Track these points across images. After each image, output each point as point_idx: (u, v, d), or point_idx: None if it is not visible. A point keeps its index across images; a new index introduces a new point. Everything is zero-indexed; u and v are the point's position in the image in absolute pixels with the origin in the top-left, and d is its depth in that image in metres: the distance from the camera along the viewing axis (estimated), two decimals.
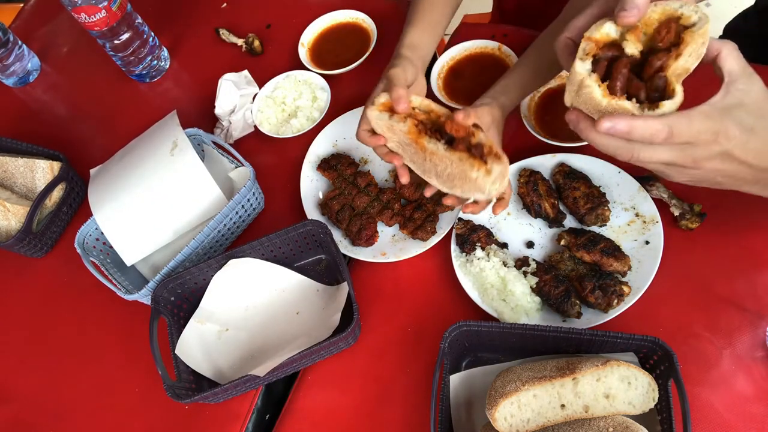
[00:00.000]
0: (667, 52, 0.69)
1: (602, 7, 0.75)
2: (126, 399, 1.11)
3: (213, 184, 1.13)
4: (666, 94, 0.69)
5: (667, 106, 0.67)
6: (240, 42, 1.50)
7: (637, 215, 1.03)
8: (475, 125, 0.85)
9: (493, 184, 0.83)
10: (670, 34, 0.69)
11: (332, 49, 1.43)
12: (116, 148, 1.25)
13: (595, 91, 0.69)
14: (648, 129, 0.68)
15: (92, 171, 1.24)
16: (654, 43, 0.71)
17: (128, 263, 1.15)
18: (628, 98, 0.69)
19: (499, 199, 0.99)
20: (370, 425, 1.00)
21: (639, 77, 0.71)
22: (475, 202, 0.97)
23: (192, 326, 1.08)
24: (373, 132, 0.93)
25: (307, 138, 1.29)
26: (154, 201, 1.13)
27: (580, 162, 1.11)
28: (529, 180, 1.10)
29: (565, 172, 1.10)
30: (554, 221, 1.08)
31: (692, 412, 0.82)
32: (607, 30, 0.71)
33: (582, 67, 0.71)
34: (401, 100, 0.86)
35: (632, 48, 0.71)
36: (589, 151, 1.11)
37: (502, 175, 0.83)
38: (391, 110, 0.89)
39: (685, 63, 0.67)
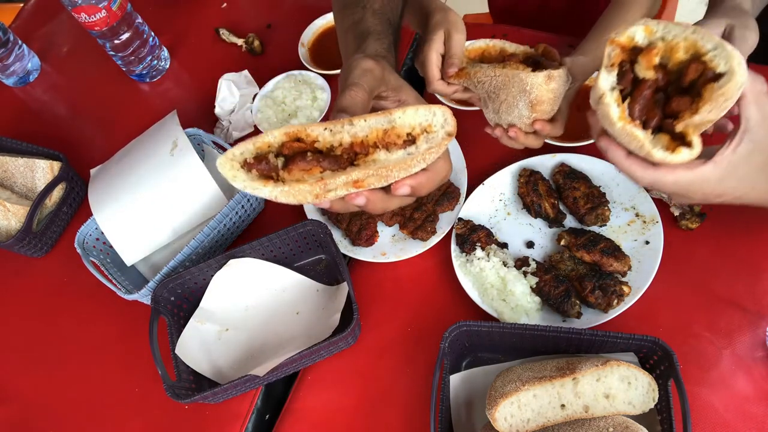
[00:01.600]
0: (691, 96, 0.64)
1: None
2: (126, 399, 1.11)
3: (213, 183, 1.13)
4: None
5: (683, 155, 0.64)
6: (240, 42, 1.50)
7: (637, 215, 1.03)
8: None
9: (536, 76, 0.83)
10: (691, 76, 0.64)
11: (332, 49, 1.43)
12: (116, 148, 1.25)
13: (612, 111, 0.67)
14: (631, 171, 0.70)
15: (92, 171, 1.24)
16: (681, 72, 0.66)
17: (128, 263, 1.15)
18: (645, 125, 0.66)
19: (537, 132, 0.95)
20: (370, 425, 1.00)
21: (665, 101, 0.66)
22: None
23: (192, 326, 1.08)
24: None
25: None
26: (154, 201, 1.13)
27: (580, 162, 1.11)
28: (529, 180, 1.10)
29: (565, 172, 1.10)
30: (554, 221, 1.08)
31: (692, 412, 0.82)
32: (633, 34, 0.67)
33: (606, 80, 0.68)
34: (453, 68, 0.93)
35: (643, 72, 0.67)
36: (589, 151, 1.11)
37: (549, 76, 0.84)
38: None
39: (702, 119, 0.63)
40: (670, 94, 0.67)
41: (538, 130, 0.92)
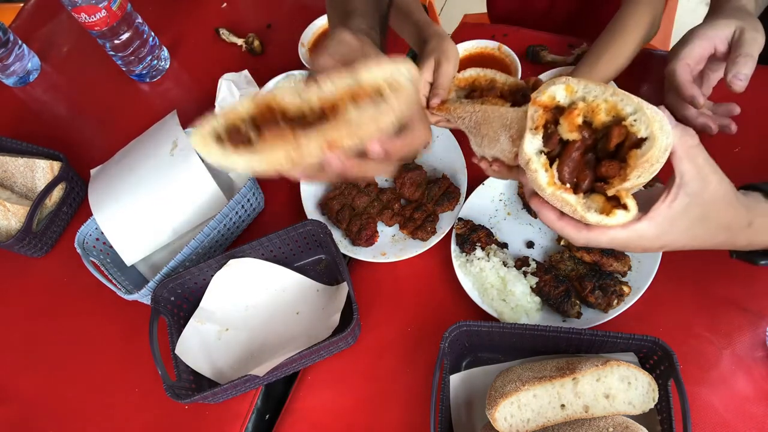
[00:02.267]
0: (620, 161, 0.62)
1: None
2: (126, 399, 1.11)
3: (213, 183, 1.13)
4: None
5: (619, 217, 0.62)
6: (240, 42, 1.50)
7: None
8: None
9: (516, 112, 0.79)
10: (616, 140, 0.63)
11: None
12: (116, 148, 1.25)
13: (540, 177, 0.65)
14: (564, 233, 0.69)
15: (92, 171, 1.24)
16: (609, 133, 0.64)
17: (128, 263, 1.15)
18: (576, 188, 0.64)
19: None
20: (370, 425, 1.00)
21: (595, 161, 0.65)
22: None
23: (192, 326, 1.08)
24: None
25: None
26: (154, 201, 1.13)
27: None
28: None
29: None
30: None
31: (692, 412, 0.82)
32: (554, 93, 0.65)
33: (531, 144, 0.66)
34: (437, 98, 0.90)
35: (567, 134, 0.64)
36: None
37: (527, 111, 0.78)
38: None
39: (632, 184, 0.62)
40: (599, 155, 0.65)
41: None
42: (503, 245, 1.09)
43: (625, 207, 0.63)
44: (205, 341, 1.09)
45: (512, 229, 1.11)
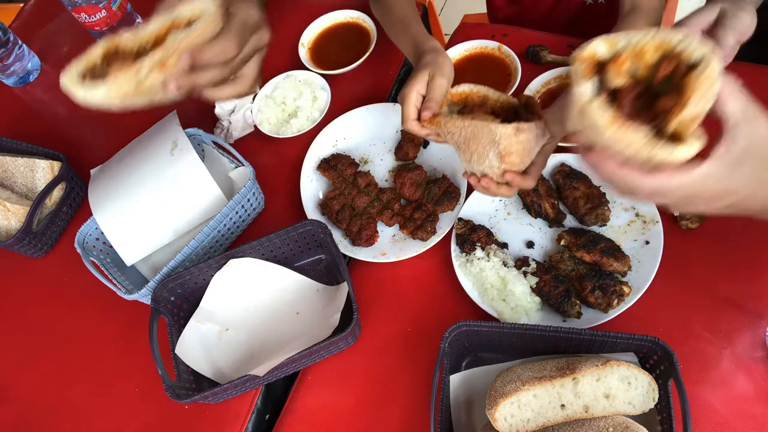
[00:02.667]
0: (676, 92, 0.60)
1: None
2: (126, 399, 1.11)
3: (213, 183, 1.13)
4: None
5: (686, 150, 0.59)
6: None
7: (637, 215, 1.03)
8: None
9: (505, 128, 0.82)
10: (665, 72, 0.62)
11: (332, 49, 1.43)
12: (116, 148, 1.25)
13: (600, 118, 0.61)
14: (628, 180, 0.65)
15: (93, 171, 1.24)
16: (659, 74, 0.63)
17: (128, 263, 1.15)
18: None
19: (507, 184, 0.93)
20: (370, 425, 1.00)
21: (647, 108, 0.63)
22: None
23: (192, 326, 1.08)
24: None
25: (307, 138, 1.29)
26: (154, 201, 1.13)
27: (580, 162, 1.11)
28: None
29: (565, 172, 1.10)
30: (554, 221, 1.08)
31: (692, 412, 0.82)
32: (595, 48, 0.64)
33: (584, 90, 0.63)
34: (428, 112, 0.94)
35: (615, 80, 0.63)
36: None
37: (518, 128, 0.82)
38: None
39: (693, 111, 0.59)
40: (648, 101, 0.63)
41: (509, 181, 0.90)
42: (503, 245, 1.09)
43: (688, 141, 0.60)
44: (205, 341, 1.09)
45: (512, 229, 1.11)
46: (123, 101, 0.78)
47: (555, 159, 1.12)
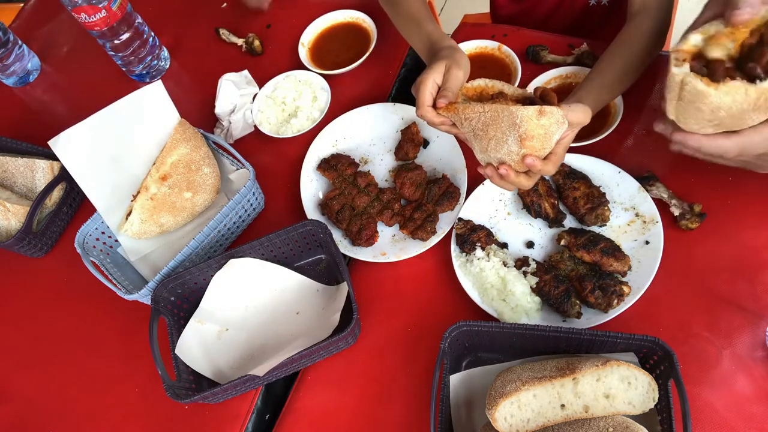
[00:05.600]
0: None
1: (716, 9, 0.76)
2: (126, 399, 1.11)
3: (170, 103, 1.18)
4: None
5: None
6: (240, 42, 1.50)
7: (637, 215, 1.03)
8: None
9: (526, 110, 0.82)
10: (756, 38, 0.69)
11: (332, 49, 1.43)
12: None
13: (698, 84, 0.69)
14: (717, 144, 0.73)
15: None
16: (749, 45, 0.71)
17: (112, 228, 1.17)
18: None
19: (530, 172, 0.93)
20: (370, 425, 1.00)
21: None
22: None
23: (192, 326, 1.08)
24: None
25: (307, 138, 1.29)
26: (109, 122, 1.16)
27: (580, 162, 1.11)
28: None
29: (565, 172, 1.10)
30: (554, 221, 1.08)
31: (692, 412, 0.82)
32: (693, 42, 0.73)
33: (679, 69, 0.72)
34: (444, 99, 0.94)
35: (716, 52, 0.71)
36: (589, 151, 1.11)
37: (540, 111, 0.82)
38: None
39: None
40: (744, 66, 0.71)
41: (529, 164, 0.87)
42: (503, 245, 1.09)
43: None
44: (205, 341, 1.09)
45: (512, 229, 1.11)
46: None
47: None
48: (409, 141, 1.22)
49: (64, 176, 1.29)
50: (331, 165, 1.23)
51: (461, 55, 0.99)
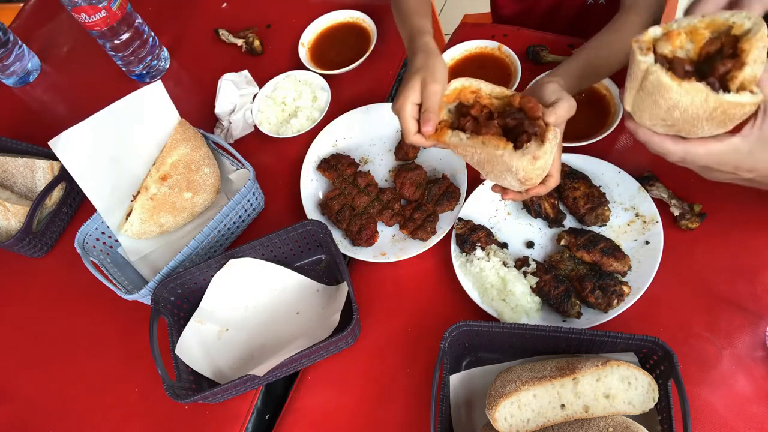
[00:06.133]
0: (731, 58, 0.68)
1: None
2: (126, 399, 1.11)
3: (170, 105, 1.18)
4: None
5: (746, 98, 0.67)
6: (240, 42, 1.50)
7: (637, 215, 1.03)
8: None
9: (520, 159, 0.81)
10: (717, 46, 0.70)
11: (332, 49, 1.43)
12: None
13: (663, 77, 0.69)
14: (663, 146, 0.75)
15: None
16: (708, 52, 0.71)
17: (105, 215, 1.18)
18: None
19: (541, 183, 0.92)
20: (370, 425, 1.00)
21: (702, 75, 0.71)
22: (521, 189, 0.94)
23: (192, 326, 1.08)
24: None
25: (307, 138, 1.29)
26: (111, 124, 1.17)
27: (580, 162, 1.11)
28: None
29: (565, 172, 1.10)
30: (554, 221, 1.08)
31: (692, 412, 0.82)
32: (652, 34, 0.73)
33: (645, 58, 0.71)
34: (429, 125, 0.89)
35: (667, 47, 0.71)
36: (589, 151, 1.11)
37: (534, 156, 0.81)
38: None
39: (751, 71, 0.67)
40: (704, 73, 0.71)
41: (534, 194, 0.92)
42: (503, 245, 1.09)
43: (752, 92, 0.68)
44: (205, 341, 1.09)
45: (512, 229, 1.11)
46: None
47: None
48: None
49: (64, 176, 1.29)
50: (331, 165, 1.23)
51: (436, 62, 0.94)
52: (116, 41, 1.39)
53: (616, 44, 1.05)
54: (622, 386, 0.83)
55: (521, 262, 1.04)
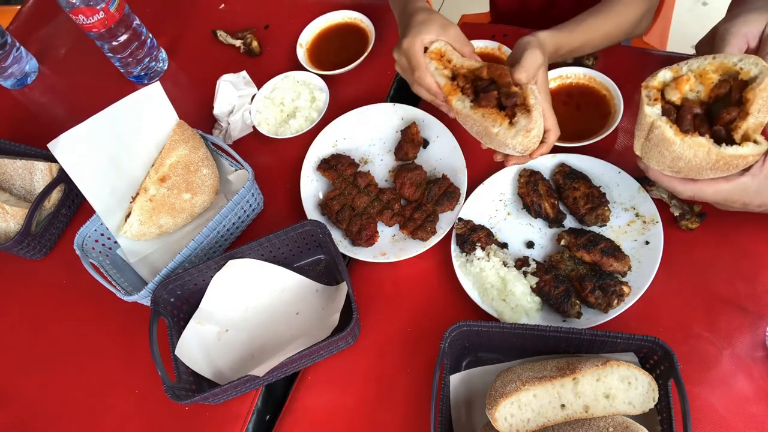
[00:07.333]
0: (737, 106, 0.70)
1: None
2: (126, 400, 1.11)
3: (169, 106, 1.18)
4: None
5: (748, 150, 0.69)
6: (238, 43, 1.50)
7: (637, 215, 1.03)
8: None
9: (514, 137, 0.85)
10: (726, 89, 0.71)
11: (330, 50, 1.43)
12: None
13: (667, 131, 0.71)
14: (672, 186, 0.78)
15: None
16: (717, 94, 0.73)
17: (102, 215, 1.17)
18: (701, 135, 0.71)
19: (541, 142, 0.95)
20: (370, 425, 1.00)
21: (710, 122, 0.73)
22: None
23: (192, 327, 1.08)
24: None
25: (305, 138, 1.29)
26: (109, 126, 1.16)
27: (580, 162, 1.11)
28: (529, 180, 1.10)
29: (565, 172, 1.10)
30: (554, 221, 1.08)
31: (692, 412, 0.82)
32: (662, 77, 0.74)
33: (651, 110, 0.73)
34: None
35: (675, 94, 0.73)
36: (589, 151, 1.11)
37: (526, 129, 0.85)
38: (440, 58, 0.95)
39: (756, 120, 0.68)
40: (713, 115, 0.72)
41: (540, 155, 0.96)
42: (503, 245, 1.09)
43: (755, 142, 0.70)
44: (205, 342, 1.08)
45: (512, 229, 1.11)
46: None
47: (555, 159, 1.12)
48: (409, 141, 1.22)
49: (62, 178, 1.29)
50: (331, 165, 1.22)
51: (440, 15, 0.97)
52: (114, 43, 1.39)
53: (612, 25, 1.06)
54: (622, 386, 0.83)
55: (521, 262, 1.04)
